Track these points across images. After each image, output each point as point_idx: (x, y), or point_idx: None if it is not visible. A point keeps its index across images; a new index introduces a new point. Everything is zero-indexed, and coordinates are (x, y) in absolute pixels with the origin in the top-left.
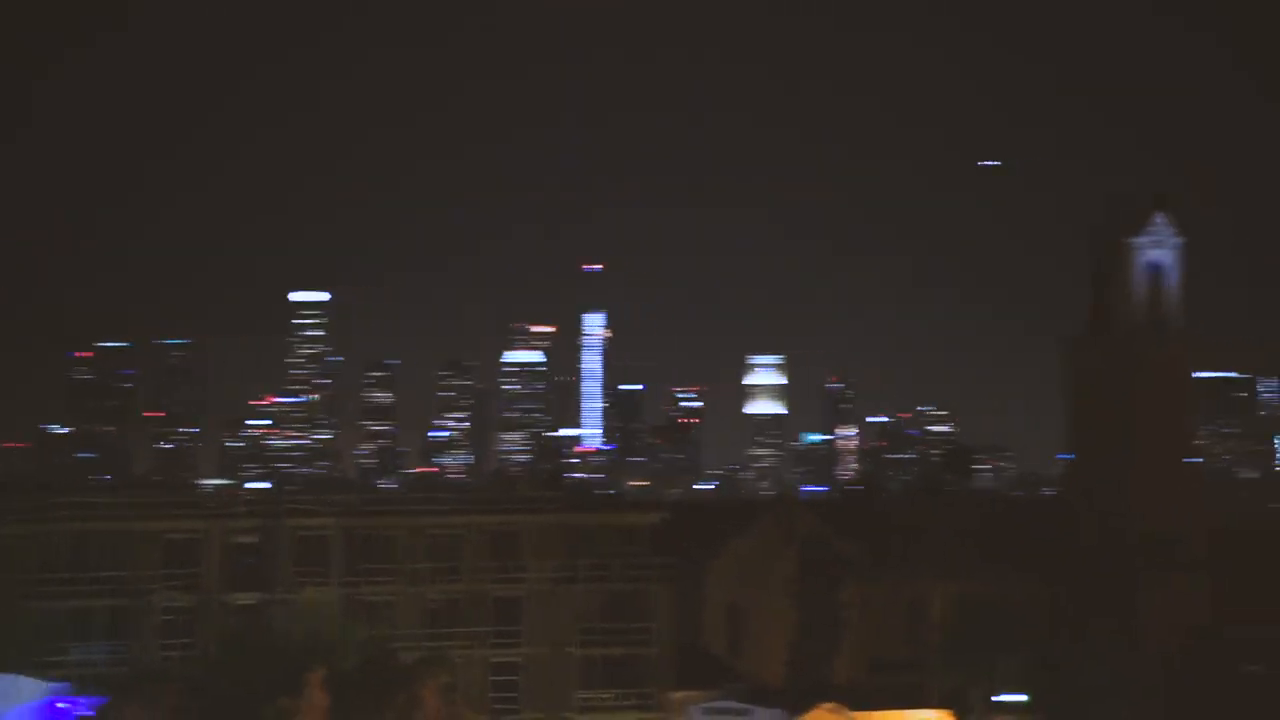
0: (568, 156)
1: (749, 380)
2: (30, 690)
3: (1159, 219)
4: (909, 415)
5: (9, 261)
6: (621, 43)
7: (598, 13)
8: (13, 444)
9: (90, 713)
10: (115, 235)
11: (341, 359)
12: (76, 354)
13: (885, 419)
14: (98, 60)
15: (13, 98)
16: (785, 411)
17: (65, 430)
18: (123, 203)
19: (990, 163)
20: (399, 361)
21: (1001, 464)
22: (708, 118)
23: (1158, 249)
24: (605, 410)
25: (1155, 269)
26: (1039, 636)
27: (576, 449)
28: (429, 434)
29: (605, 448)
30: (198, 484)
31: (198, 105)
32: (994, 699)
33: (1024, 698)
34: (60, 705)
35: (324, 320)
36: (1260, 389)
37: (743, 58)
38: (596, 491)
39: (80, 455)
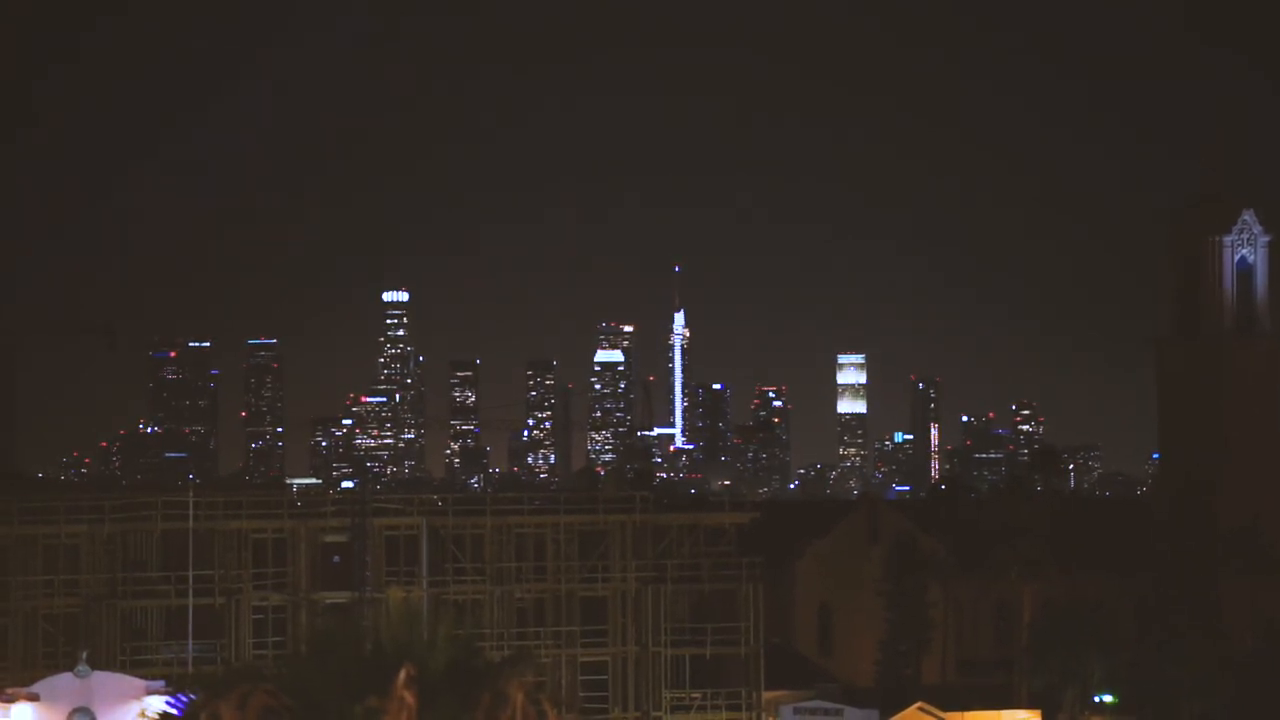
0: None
1: (837, 379)
2: (128, 688)
3: (1247, 216)
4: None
5: (92, 261)
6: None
7: (687, 11)
8: (103, 444)
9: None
10: (198, 234)
11: (422, 359)
12: (163, 354)
13: (973, 418)
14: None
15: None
16: (865, 411)
17: (153, 430)
18: (206, 202)
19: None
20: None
21: (1091, 463)
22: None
23: (1246, 246)
24: (686, 409)
25: (1244, 266)
26: (1127, 637)
27: (671, 449)
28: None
29: (687, 447)
30: (286, 483)
31: (286, 104)
32: (1085, 699)
33: (1112, 698)
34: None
35: (405, 320)
36: None
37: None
38: (685, 491)
39: (169, 455)
